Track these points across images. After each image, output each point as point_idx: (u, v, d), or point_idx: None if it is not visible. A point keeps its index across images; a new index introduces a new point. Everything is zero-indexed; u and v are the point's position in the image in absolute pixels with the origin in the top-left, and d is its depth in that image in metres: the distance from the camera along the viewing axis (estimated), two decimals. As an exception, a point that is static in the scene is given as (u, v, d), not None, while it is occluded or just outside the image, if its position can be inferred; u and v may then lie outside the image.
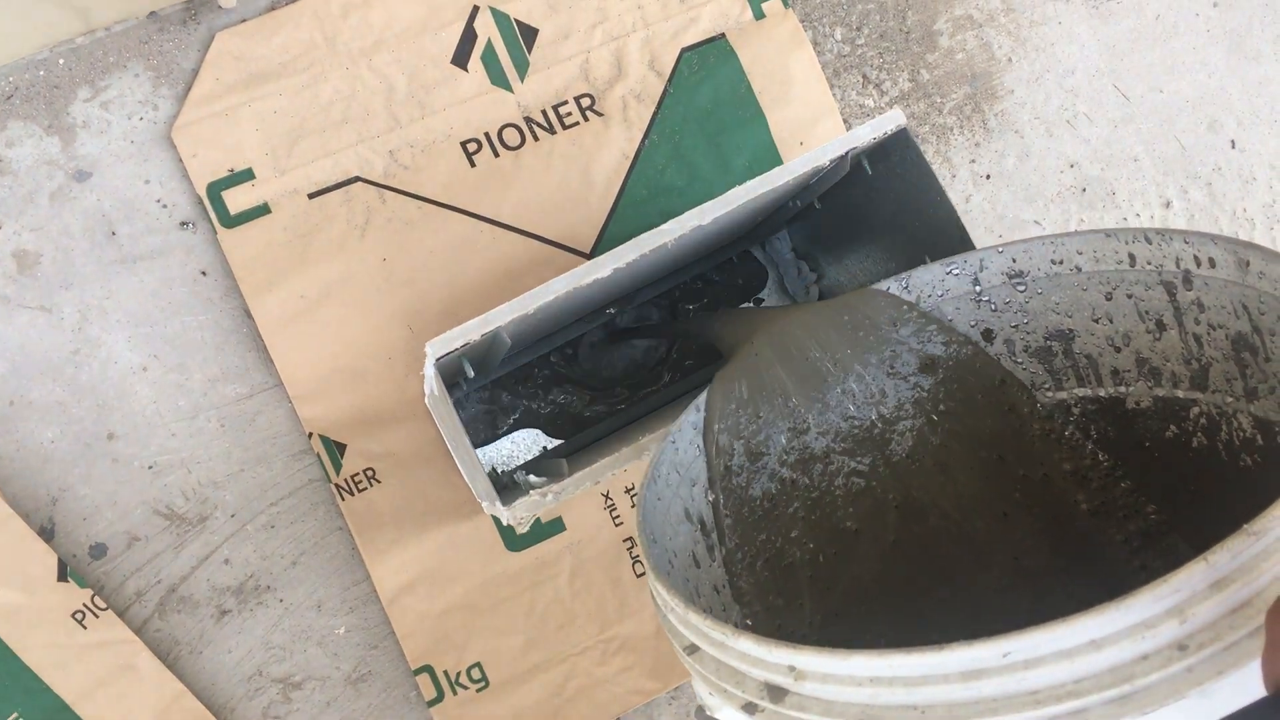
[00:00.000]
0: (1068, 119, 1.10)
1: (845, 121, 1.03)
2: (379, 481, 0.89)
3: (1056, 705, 0.38)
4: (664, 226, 0.68)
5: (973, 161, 1.07)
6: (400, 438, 0.90)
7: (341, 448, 0.89)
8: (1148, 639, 0.38)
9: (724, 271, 0.97)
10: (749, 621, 0.61)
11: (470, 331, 0.64)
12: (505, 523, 0.67)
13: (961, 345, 0.67)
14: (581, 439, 0.90)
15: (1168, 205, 1.13)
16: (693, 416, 0.63)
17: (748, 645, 0.44)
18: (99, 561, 0.86)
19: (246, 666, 0.88)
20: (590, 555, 0.93)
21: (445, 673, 0.90)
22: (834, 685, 0.41)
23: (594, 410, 0.93)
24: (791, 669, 0.43)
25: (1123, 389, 0.65)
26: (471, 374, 0.69)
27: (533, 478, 0.67)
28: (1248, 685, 0.37)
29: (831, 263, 0.92)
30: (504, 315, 0.65)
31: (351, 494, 0.89)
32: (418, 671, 0.89)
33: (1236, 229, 1.14)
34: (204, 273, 0.89)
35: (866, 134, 0.70)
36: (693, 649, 0.48)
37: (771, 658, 0.43)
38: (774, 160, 0.98)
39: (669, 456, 0.61)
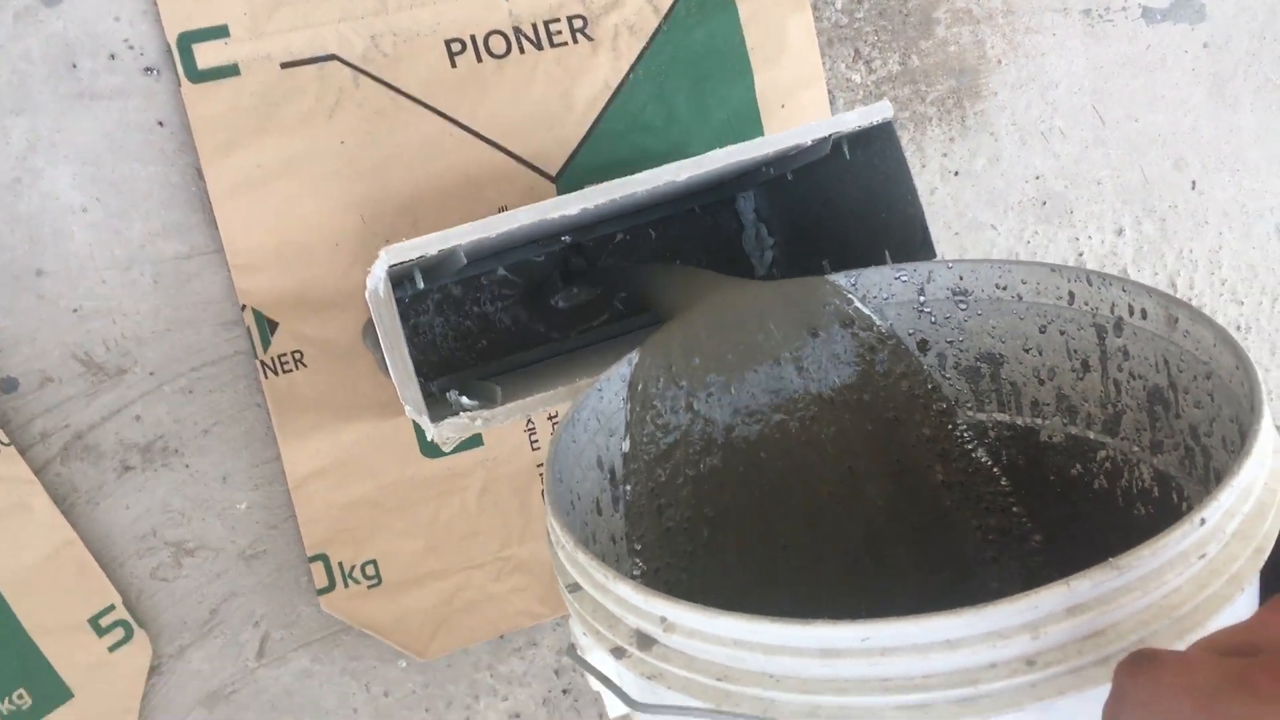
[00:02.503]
0: (1043, 130, 1.11)
1: (830, 93, 1.03)
2: (305, 366, 0.89)
3: (904, 695, 0.41)
4: (637, 176, 0.68)
5: (944, 155, 1.08)
6: (335, 326, 0.89)
7: (273, 325, 0.88)
8: (999, 648, 0.40)
9: (690, 223, 0.98)
10: (636, 574, 0.63)
11: (428, 245, 0.64)
12: (430, 439, 0.68)
13: (884, 340, 0.69)
14: (516, 360, 0.91)
15: (1120, 233, 1.15)
16: (623, 369, 0.64)
17: (625, 591, 0.46)
18: (8, 396, 0.85)
19: (141, 525, 0.88)
20: (503, 474, 0.94)
21: (340, 564, 0.91)
22: (699, 642, 0.44)
23: (534, 330, 0.94)
24: (663, 620, 0.45)
25: (1039, 421, 0.67)
26: (421, 286, 0.69)
27: (464, 400, 0.68)
28: (1086, 710, 0.39)
29: (792, 234, 0.93)
30: (465, 235, 0.65)
31: (276, 373, 0.88)
32: (313, 559, 0.90)
33: (1180, 268, 1.18)
34: (161, 123, 0.86)
35: (853, 120, 0.70)
36: (575, 587, 0.50)
37: (646, 606, 0.46)
38: (754, 119, 0.98)
39: (592, 403, 0.63)
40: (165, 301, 0.88)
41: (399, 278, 0.76)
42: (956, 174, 1.09)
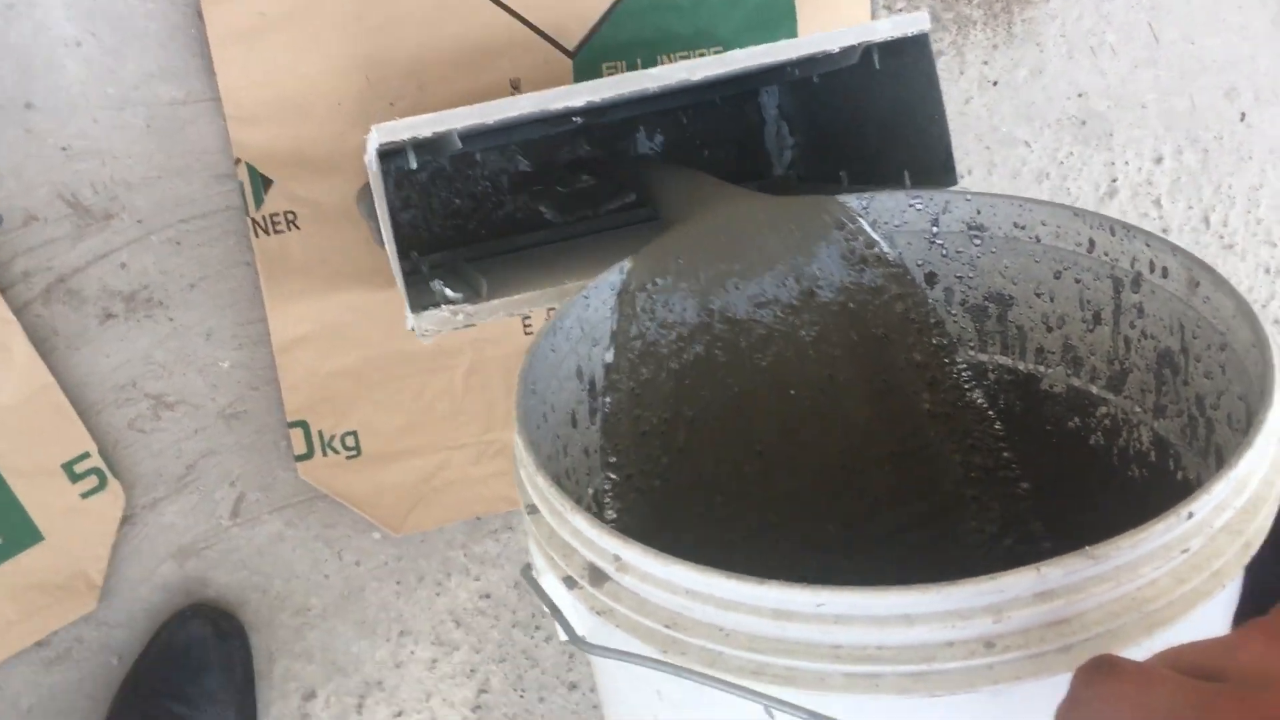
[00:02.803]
0: (1092, 45, 1.05)
1: (872, -13, 0.97)
2: (298, 228, 0.86)
3: (854, 665, 0.40)
4: (650, 72, 0.64)
5: (985, 63, 1.03)
6: (330, 189, 0.86)
7: (267, 183, 0.85)
8: (958, 628, 0.39)
9: (711, 113, 0.93)
10: (608, 487, 0.62)
11: (421, 126, 0.61)
12: (408, 328, 0.66)
13: (884, 262, 0.65)
14: (512, 243, 0.88)
15: (1159, 161, 1.10)
16: (614, 277, 0.62)
17: (581, 524, 0.45)
18: (-9, 231, 0.83)
19: (121, 375, 0.87)
20: (493, 356, 0.92)
21: (320, 432, 0.89)
22: (651, 586, 0.43)
23: (533, 214, 0.90)
24: (616, 559, 0.44)
25: (1042, 369, 0.65)
26: (414, 165, 0.66)
27: (448, 291, 0.65)
28: (1042, 696, 0.38)
29: (813, 137, 0.89)
30: (461, 119, 0.61)
31: (267, 233, 0.86)
32: (293, 425, 0.89)
33: (1216, 203, 1.13)
34: (162, -43, 0.82)
35: (885, 30, 0.66)
36: (533, 510, 0.49)
37: (600, 542, 0.44)
38: (788, 7, 0.92)
39: (577, 311, 0.60)
40: (157, 147, 0.84)
41: (394, 149, 0.73)
42: (995, 84, 1.04)
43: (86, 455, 0.85)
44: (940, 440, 0.68)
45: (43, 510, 0.84)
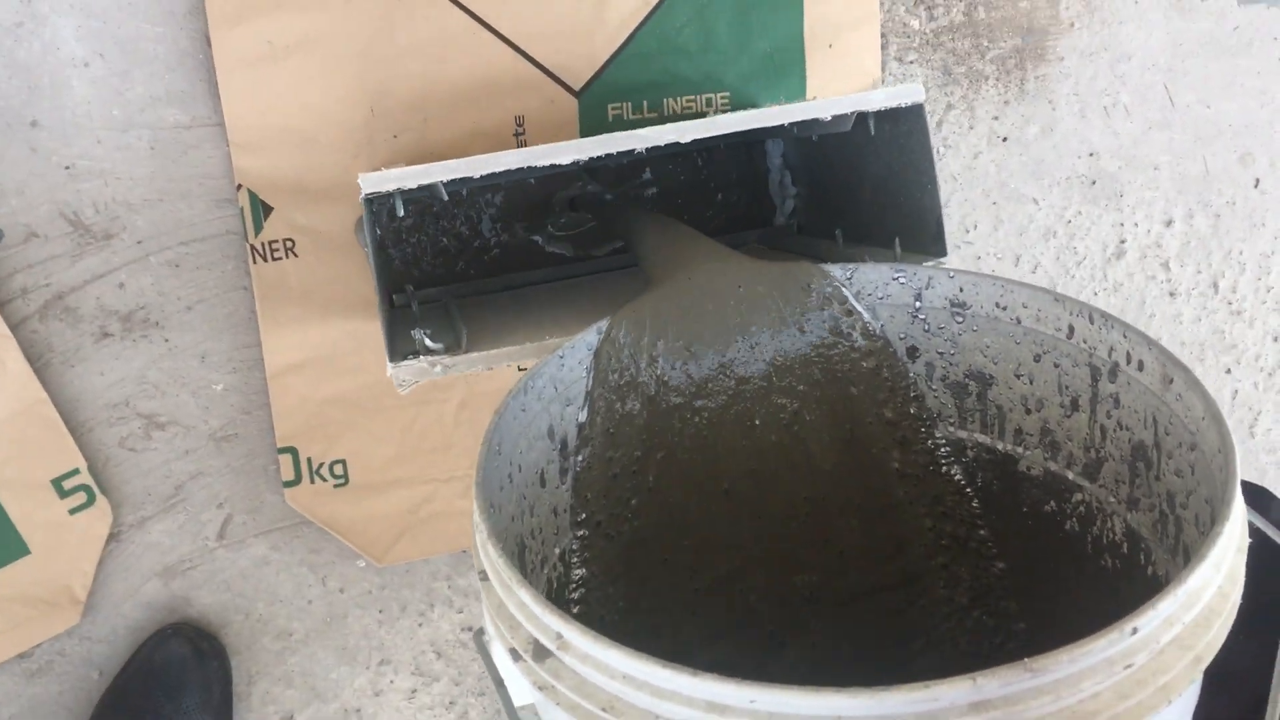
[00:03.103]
0: (1106, 105, 1.05)
1: (884, 37, 0.97)
2: (296, 255, 0.87)
3: None
4: (640, 132, 0.64)
5: (995, 119, 1.02)
6: (330, 218, 0.87)
7: (267, 210, 0.86)
8: None
9: (721, 156, 0.93)
10: (575, 546, 0.62)
11: (407, 178, 0.61)
12: (387, 374, 0.66)
13: (873, 341, 0.65)
14: (506, 280, 0.88)
15: (1169, 224, 1.10)
16: (590, 338, 0.62)
17: (526, 597, 0.45)
18: (-8, 246, 0.84)
19: (115, 394, 0.87)
20: (484, 390, 0.92)
21: (309, 460, 0.90)
22: (591, 667, 0.42)
23: (526, 252, 0.91)
24: (559, 636, 0.44)
25: (1020, 450, 0.64)
26: (402, 213, 0.66)
27: (429, 341, 0.65)
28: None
29: (814, 190, 0.88)
30: (445, 172, 0.61)
31: (265, 260, 0.86)
32: (282, 450, 0.90)
33: (1225, 269, 1.12)
34: (174, -18, 0.83)
35: (879, 100, 0.66)
36: (485, 577, 0.49)
37: (544, 618, 0.44)
38: (797, 55, 0.92)
39: (551, 370, 0.60)
40: (160, 170, 0.85)
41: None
42: (1005, 140, 1.03)
43: (76, 472, 0.86)
44: (910, 502, 0.68)
45: (29, 524, 0.85)
